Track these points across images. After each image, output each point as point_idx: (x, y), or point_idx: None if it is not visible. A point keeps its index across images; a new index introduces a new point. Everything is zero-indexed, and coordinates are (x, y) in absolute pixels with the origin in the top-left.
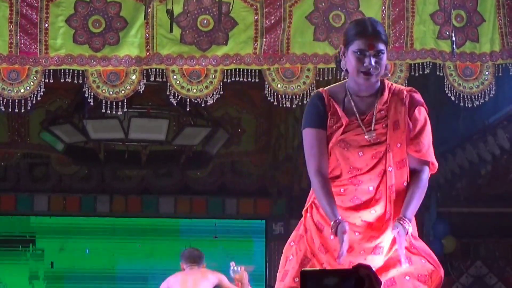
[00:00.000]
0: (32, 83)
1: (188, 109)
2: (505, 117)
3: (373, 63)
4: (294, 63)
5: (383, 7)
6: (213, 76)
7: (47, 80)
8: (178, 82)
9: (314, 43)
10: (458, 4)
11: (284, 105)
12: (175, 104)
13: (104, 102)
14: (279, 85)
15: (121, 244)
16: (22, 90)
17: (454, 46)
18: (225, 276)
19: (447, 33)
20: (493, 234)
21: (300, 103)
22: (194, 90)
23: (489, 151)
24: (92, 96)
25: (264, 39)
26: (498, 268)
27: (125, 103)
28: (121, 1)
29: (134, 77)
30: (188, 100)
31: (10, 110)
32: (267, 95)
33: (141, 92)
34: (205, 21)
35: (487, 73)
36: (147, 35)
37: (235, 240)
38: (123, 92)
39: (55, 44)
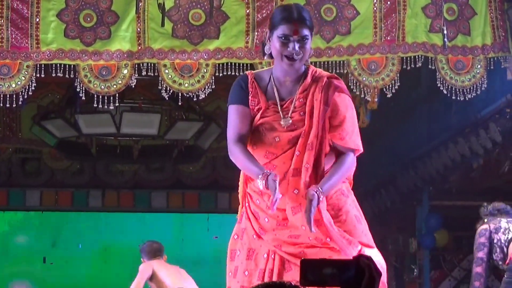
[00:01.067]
0: (23, 78)
1: (180, 104)
2: (497, 110)
3: (297, 48)
4: None
5: (375, 0)
6: (205, 70)
7: (38, 75)
8: (170, 76)
9: None
10: None
11: None
12: (167, 99)
13: (95, 96)
14: None
15: (113, 238)
16: (13, 85)
17: (445, 39)
18: None
19: (439, 26)
20: None
21: None
22: (186, 84)
23: (481, 145)
24: (83, 91)
25: (256, 33)
26: None
27: (117, 98)
28: None
29: (125, 71)
30: (180, 95)
31: (1, 105)
32: None
33: (133, 86)
34: (196, 15)
35: (478, 66)
36: (139, 30)
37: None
38: (114, 86)
39: (46, 39)
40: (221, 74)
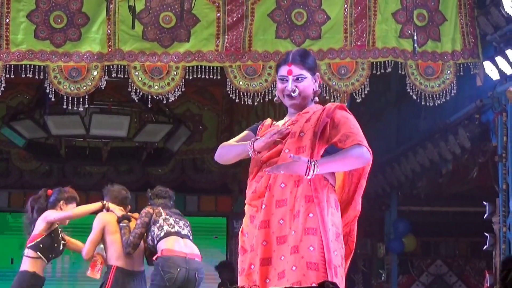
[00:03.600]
0: None
1: (149, 106)
2: (466, 116)
3: (292, 86)
4: (256, 60)
5: (345, 6)
6: (175, 73)
7: (8, 76)
8: (139, 78)
9: (276, 40)
10: (420, 3)
11: (246, 102)
12: (136, 101)
13: (65, 98)
14: (241, 82)
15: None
16: None
17: (415, 45)
18: None
19: (409, 32)
20: (453, 233)
21: (261, 101)
22: (156, 87)
23: (450, 150)
24: (53, 92)
25: (226, 36)
26: (458, 267)
27: (86, 99)
28: None
29: (95, 73)
30: (149, 97)
31: None
32: (229, 92)
33: (103, 88)
34: (167, 18)
35: (448, 72)
36: (109, 31)
37: (196, 237)
38: (84, 88)
39: (16, 39)
40: (191, 77)
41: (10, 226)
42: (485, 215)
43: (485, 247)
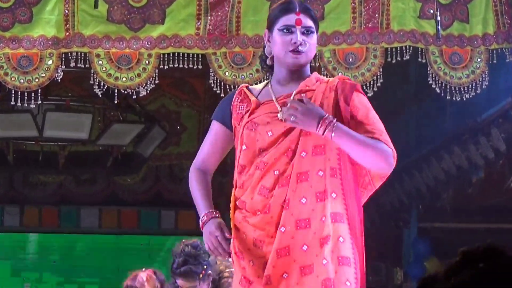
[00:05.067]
0: None
1: (116, 102)
2: (500, 113)
3: (302, 38)
4: (246, 46)
5: None
6: (147, 61)
7: None
8: (104, 68)
9: None
10: None
11: None
12: (100, 96)
13: (13, 92)
14: (227, 73)
15: (33, 263)
16: None
17: (439, 27)
18: None
19: (431, 11)
20: None
21: None
22: (124, 79)
23: (481, 154)
24: None
25: (209, 17)
26: None
27: (39, 94)
28: None
29: (50, 62)
30: (116, 91)
31: None
32: (212, 85)
33: (59, 80)
34: None
35: (478, 60)
36: (67, 11)
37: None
38: (37, 80)
39: None
40: (166, 67)
41: None
42: None
43: None
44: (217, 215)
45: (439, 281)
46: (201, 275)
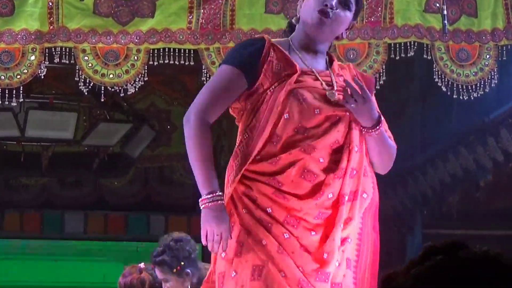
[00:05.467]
0: None
1: (103, 100)
2: (510, 113)
3: (333, 3)
4: (240, 41)
5: None
6: (136, 57)
7: None
8: (90, 64)
9: (267, 16)
10: None
11: None
12: (86, 93)
13: None
14: None
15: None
16: None
17: (445, 21)
18: None
19: (437, 4)
20: None
21: None
22: (111, 75)
23: (489, 156)
24: None
25: (202, 11)
26: None
27: (21, 92)
28: None
29: (33, 57)
30: (103, 88)
31: None
32: (204, 82)
33: (42, 77)
34: None
35: (487, 56)
36: (51, 4)
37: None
38: (18, 77)
39: None
40: (156, 63)
41: None
42: None
43: None
44: (222, 198)
45: (400, 274)
46: (175, 270)
